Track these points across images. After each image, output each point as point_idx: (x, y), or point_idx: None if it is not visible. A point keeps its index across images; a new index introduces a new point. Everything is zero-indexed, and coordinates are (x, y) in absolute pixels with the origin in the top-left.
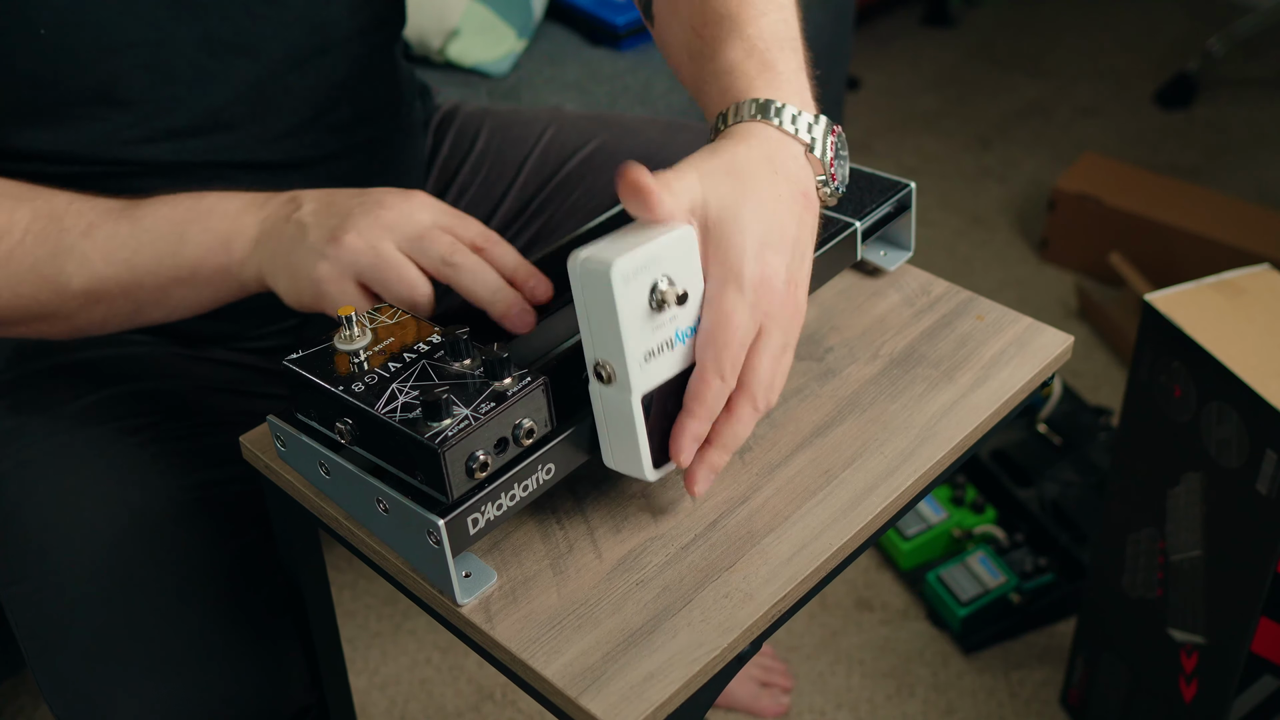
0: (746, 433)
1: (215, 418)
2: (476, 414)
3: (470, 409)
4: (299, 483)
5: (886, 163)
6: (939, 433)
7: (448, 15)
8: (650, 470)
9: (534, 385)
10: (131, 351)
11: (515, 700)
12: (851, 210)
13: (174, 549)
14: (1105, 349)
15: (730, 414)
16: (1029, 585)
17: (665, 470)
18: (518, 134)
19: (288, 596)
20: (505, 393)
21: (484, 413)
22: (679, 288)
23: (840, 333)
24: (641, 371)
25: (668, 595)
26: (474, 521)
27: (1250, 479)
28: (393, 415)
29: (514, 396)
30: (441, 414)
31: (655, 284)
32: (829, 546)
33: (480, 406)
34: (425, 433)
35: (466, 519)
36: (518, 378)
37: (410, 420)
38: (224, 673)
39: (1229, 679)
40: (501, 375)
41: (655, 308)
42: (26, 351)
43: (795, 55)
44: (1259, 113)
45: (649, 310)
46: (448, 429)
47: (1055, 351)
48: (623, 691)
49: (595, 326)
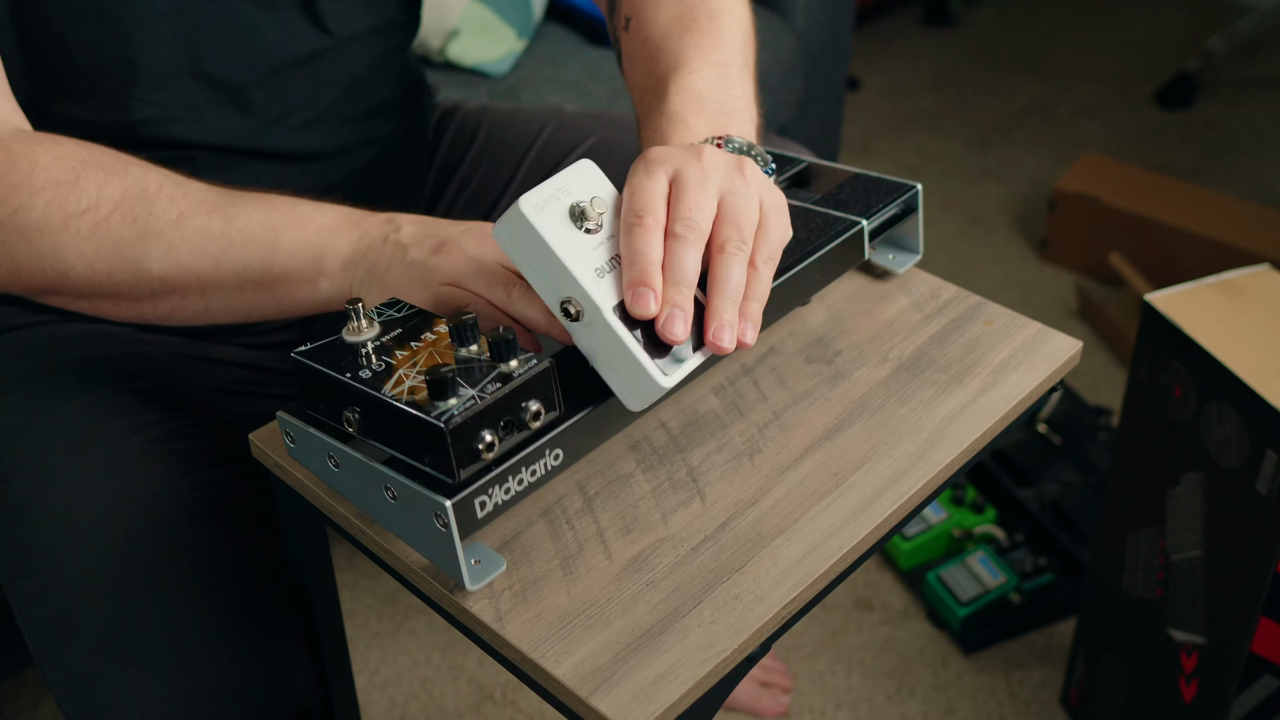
0: (735, 276)
1: (222, 417)
2: (482, 394)
3: (476, 389)
4: (308, 480)
5: (886, 163)
6: (948, 437)
7: (448, 15)
8: (660, 376)
9: (540, 366)
10: (139, 350)
11: (515, 700)
12: (858, 211)
13: (180, 547)
14: (1105, 349)
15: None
16: (1029, 585)
17: (678, 375)
18: (516, 131)
19: (293, 595)
20: (511, 374)
21: (490, 393)
22: (594, 201)
23: (849, 336)
24: (599, 285)
25: (678, 596)
26: (481, 504)
27: (1250, 479)
28: (399, 398)
29: (520, 377)
30: (447, 393)
31: (570, 206)
32: (839, 549)
33: (487, 387)
34: (431, 412)
35: (474, 501)
36: (524, 359)
37: (415, 402)
38: (230, 670)
39: (1229, 679)
40: (508, 357)
41: (580, 226)
42: (34, 349)
43: (713, 109)
44: (1259, 113)
45: (577, 231)
46: (453, 408)
47: (1064, 357)
48: (633, 692)
49: (539, 270)
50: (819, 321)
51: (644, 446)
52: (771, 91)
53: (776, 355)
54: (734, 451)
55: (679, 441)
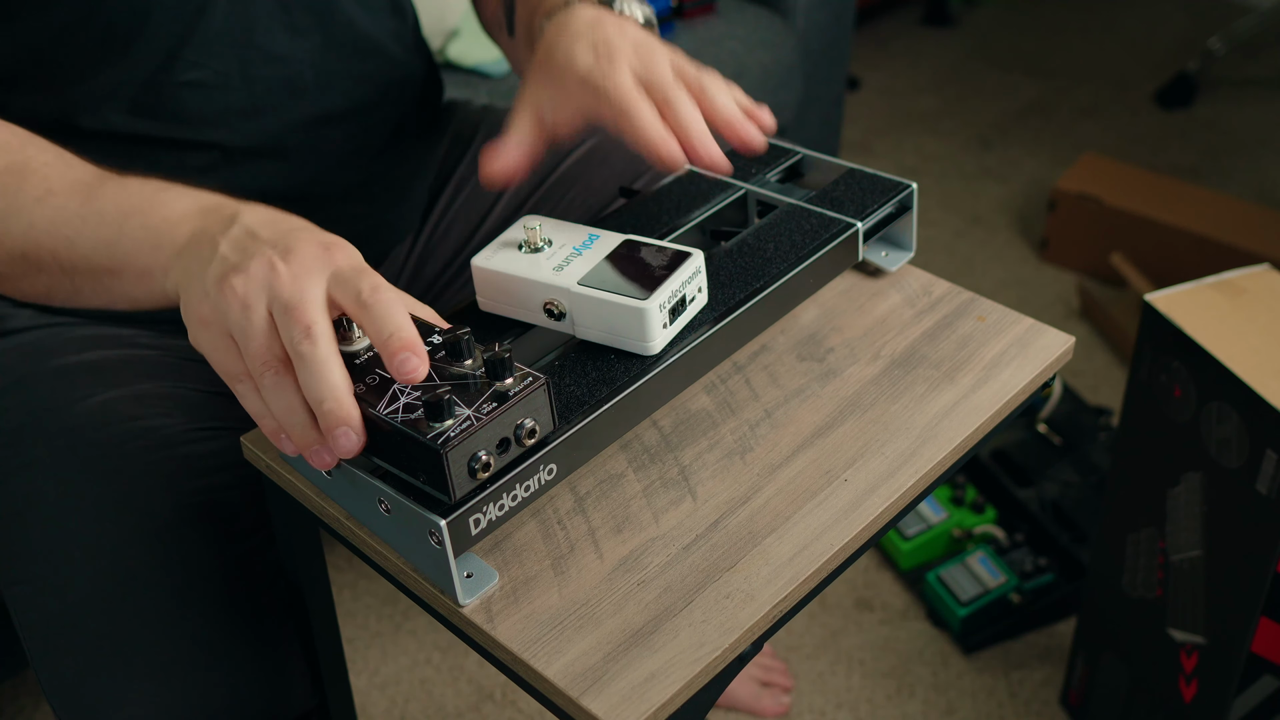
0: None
1: (220, 422)
2: (479, 414)
3: (472, 409)
4: (301, 483)
5: (886, 163)
6: (940, 433)
7: (448, 15)
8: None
9: (536, 385)
10: (137, 354)
11: (515, 700)
12: (853, 211)
13: (177, 553)
14: (1105, 349)
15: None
16: (1029, 585)
17: (657, 296)
18: None
19: (289, 601)
20: (507, 393)
21: (486, 413)
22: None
23: (841, 333)
24: (565, 275)
25: (669, 595)
26: (476, 522)
27: (1250, 479)
28: (394, 416)
29: (515, 396)
30: (443, 414)
31: (519, 244)
32: (830, 547)
33: (482, 407)
34: (427, 433)
35: (468, 519)
36: (519, 377)
37: (412, 421)
38: (225, 677)
39: (1229, 679)
40: (503, 375)
41: (527, 250)
42: (38, 351)
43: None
44: (1259, 113)
45: (532, 258)
46: (450, 429)
47: (1056, 352)
48: (624, 692)
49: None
50: (810, 319)
51: (635, 445)
52: (771, 91)
53: (768, 353)
54: (725, 450)
55: (670, 440)
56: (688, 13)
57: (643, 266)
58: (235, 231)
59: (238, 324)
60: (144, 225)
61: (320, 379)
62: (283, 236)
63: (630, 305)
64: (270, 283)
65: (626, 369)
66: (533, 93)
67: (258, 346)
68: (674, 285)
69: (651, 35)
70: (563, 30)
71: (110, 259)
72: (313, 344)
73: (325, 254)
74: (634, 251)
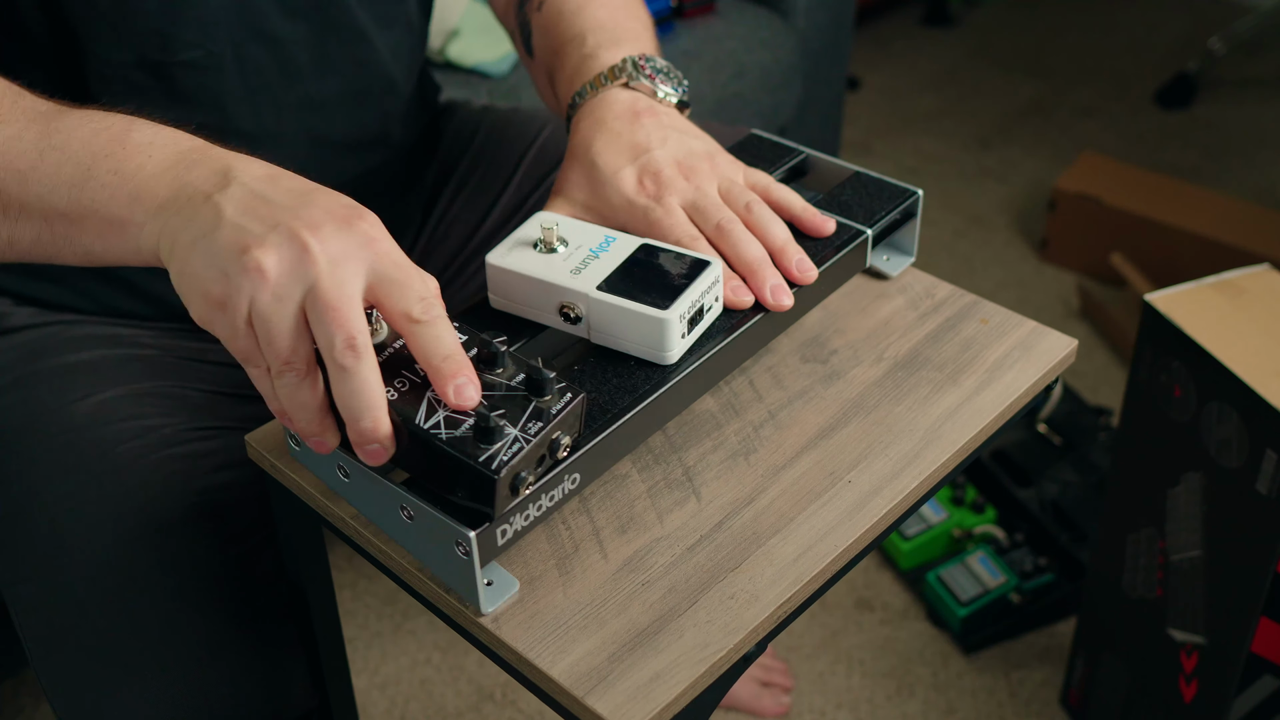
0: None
1: (222, 421)
2: (525, 435)
3: (518, 429)
4: (305, 482)
5: (886, 163)
6: (943, 435)
7: (448, 15)
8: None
9: (575, 401)
10: (137, 354)
11: (515, 700)
12: (861, 217)
13: (178, 552)
14: (1105, 349)
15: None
16: (1029, 585)
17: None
18: (515, 131)
19: (290, 600)
20: (548, 409)
21: (532, 433)
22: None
23: (845, 335)
24: (583, 279)
25: (673, 596)
26: (503, 533)
27: (1250, 479)
28: (437, 432)
29: (558, 415)
30: (494, 437)
31: (531, 242)
32: (834, 548)
33: (527, 426)
34: (478, 455)
35: (496, 530)
36: (558, 393)
37: (458, 440)
38: (226, 677)
39: (1229, 679)
40: (545, 392)
41: (543, 250)
42: (39, 350)
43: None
44: (1259, 113)
45: (548, 259)
46: (500, 452)
47: (1059, 355)
48: (629, 692)
49: (533, 300)
50: (814, 321)
51: (640, 446)
52: (771, 91)
53: (772, 355)
54: (730, 451)
55: (675, 441)
56: (688, 13)
57: (661, 274)
58: (236, 192)
59: (263, 313)
60: (116, 170)
61: (361, 397)
62: (298, 201)
63: (651, 315)
64: (304, 270)
65: (647, 377)
66: (571, 196)
67: (284, 347)
68: (694, 295)
69: (690, 129)
70: (600, 128)
71: (71, 204)
72: (357, 358)
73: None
74: (652, 257)
